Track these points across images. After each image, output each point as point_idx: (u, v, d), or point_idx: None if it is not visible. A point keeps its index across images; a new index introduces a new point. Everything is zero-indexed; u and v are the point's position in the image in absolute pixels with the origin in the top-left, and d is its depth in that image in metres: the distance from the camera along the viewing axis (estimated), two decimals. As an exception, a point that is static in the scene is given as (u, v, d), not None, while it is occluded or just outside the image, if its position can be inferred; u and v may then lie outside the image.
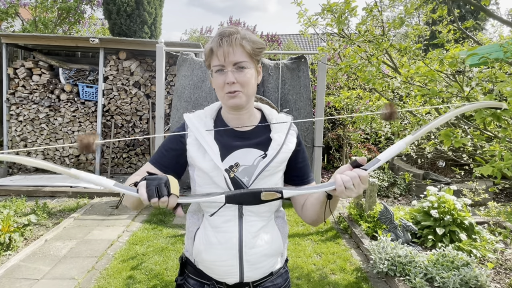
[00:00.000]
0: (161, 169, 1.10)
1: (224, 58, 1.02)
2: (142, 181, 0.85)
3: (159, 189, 0.82)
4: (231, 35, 1.03)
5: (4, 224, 3.34)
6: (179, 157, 1.12)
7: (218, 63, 1.04)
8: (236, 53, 1.03)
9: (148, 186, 0.83)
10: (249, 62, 1.05)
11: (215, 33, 1.08)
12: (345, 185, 0.88)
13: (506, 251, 3.33)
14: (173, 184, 0.85)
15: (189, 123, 1.13)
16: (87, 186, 5.27)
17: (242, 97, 1.06)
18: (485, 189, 4.46)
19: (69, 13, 8.56)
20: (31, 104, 5.96)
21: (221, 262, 1.08)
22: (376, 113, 1.24)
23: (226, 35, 1.03)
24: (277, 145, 1.09)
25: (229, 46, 1.02)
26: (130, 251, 3.39)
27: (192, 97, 4.97)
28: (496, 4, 10.43)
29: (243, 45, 1.03)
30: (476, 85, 2.00)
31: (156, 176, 0.85)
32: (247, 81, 1.05)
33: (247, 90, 1.06)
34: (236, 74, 1.03)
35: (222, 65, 1.04)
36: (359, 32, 2.56)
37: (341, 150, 6.63)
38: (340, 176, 0.89)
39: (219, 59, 1.03)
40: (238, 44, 1.03)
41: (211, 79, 1.10)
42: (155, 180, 0.84)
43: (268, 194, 0.89)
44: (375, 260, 2.99)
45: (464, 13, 9.79)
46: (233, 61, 1.03)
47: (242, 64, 1.04)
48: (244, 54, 1.04)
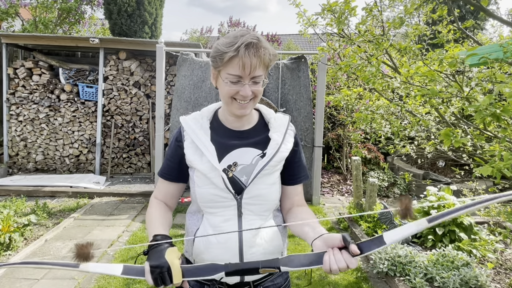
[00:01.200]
0: (169, 180, 1.17)
1: (248, 71, 0.98)
2: (147, 265, 0.92)
3: (162, 277, 0.90)
4: (258, 47, 0.97)
5: (4, 224, 3.34)
6: (181, 163, 1.15)
7: (236, 73, 0.99)
8: (258, 68, 0.99)
9: (152, 273, 0.90)
10: (263, 75, 1.03)
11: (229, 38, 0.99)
12: (332, 270, 0.88)
13: (506, 251, 3.33)
14: (175, 270, 0.91)
15: (185, 126, 1.13)
16: (87, 186, 5.28)
17: (251, 107, 1.07)
18: (485, 189, 4.46)
19: (69, 14, 8.56)
20: (31, 104, 5.97)
21: (221, 261, 1.08)
22: (390, 210, 1.06)
23: (253, 47, 0.97)
24: (276, 144, 1.10)
25: (256, 59, 0.97)
26: (130, 251, 3.39)
27: (192, 97, 4.97)
28: (496, 4, 10.42)
29: (264, 59, 0.99)
30: (475, 85, 2.00)
31: (158, 264, 0.91)
32: (260, 92, 1.05)
33: (256, 101, 1.07)
34: (252, 87, 1.01)
35: (240, 76, 0.99)
36: (359, 32, 2.56)
37: (341, 150, 6.63)
38: (328, 259, 0.89)
39: (241, 70, 0.98)
40: (262, 58, 0.98)
41: (218, 81, 1.07)
42: (157, 268, 0.90)
43: (266, 270, 0.93)
44: (375, 260, 2.99)
45: (464, 13, 9.78)
46: (253, 75, 1.00)
47: (259, 79, 1.02)
48: (262, 67, 1.01)
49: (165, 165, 1.18)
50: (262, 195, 1.09)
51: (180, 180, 1.18)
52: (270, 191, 1.11)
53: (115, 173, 6.27)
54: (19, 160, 6.11)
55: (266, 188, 1.09)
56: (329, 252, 0.90)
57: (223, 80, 1.03)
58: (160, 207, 1.17)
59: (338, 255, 0.89)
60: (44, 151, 6.12)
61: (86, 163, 6.22)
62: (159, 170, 1.20)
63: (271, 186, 1.11)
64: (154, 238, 1.00)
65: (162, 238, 1.00)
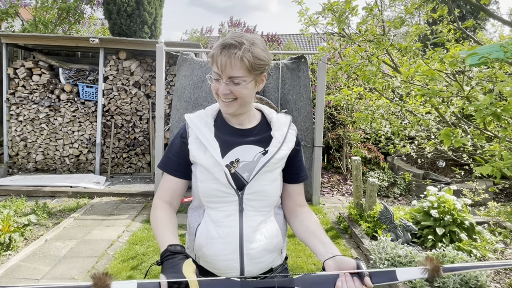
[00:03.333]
0: (176, 176, 1.17)
1: (222, 69, 1.03)
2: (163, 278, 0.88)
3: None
4: (233, 48, 1.01)
5: (4, 224, 3.34)
6: (187, 160, 1.16)
7: (216, 71, 1.06)
8: (233, 68, 1.02)
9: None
10: (247, 77, 1.05)
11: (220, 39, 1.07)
12: None
13: (506, 251, 3.32)
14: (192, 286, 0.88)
15: (190, 122, 1.16)
16: (87, 186, 5.28)
17: (235, 107, 1.09)
18: (485, 189, 4.46)
19: (69, 13, 8.56)
20: (31, 104, 5.96)
21: (222, 256, 1.10)
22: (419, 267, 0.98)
23: (227, 47, 1.02)
24: (278, 143, 1.13)
25: (227, 59, 1.01)
26: (130, 251, 3.39)
27: (192, 97, 4.97)
28: (496, 4, 10.41)
29: (243, 60, 1.01)
30: (476, 85, 2.00)
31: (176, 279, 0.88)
32: (240, 94, 1.07)
33: (241, 101, 1.09)
34: (231, 86, 1.05)
35: (219, 74, 1.05)
36: (360, 32, 2.56)
37: (341, 150, 6.62)
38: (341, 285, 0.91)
39: (219, 68, 1.04)
40: (237, 58, 1.01)
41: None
42: (175, 284, 0.87)
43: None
44: (375, 260, 2.99)
45: (464, 13, 9.78)
46: (229, 75, 1.04)
47: (237, 80, 1.04)
48: (243, 69, 1.03)
49: (171, 162, 1.18)
50: (263, 191, 1.11)
51: (187, 177, 1.19)
52: (271, 188, 1.13)
53: (115, 173, 6.27)
54: (19, 160, 6.11)
55: (267, 184, 1.12)
56: (341, 278, 0.92)
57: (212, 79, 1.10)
58: (166, 210, 1.15)
59: (350, 282, 0.91)
60: (44, 151, 6.12)
61: (86, 163, 6.22)
62: (163, 165, 1.19)
63: (272, 183, 1.13)
64: (168, 248, 0.97)
65: (176, 248, 0.97)
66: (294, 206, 1.22)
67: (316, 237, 1.09)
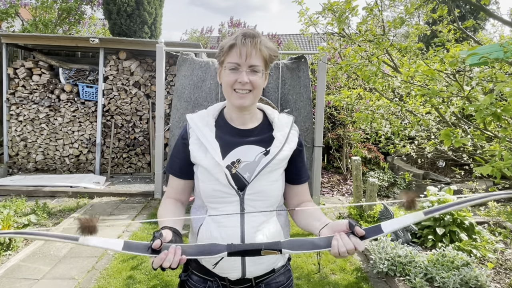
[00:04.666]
0: (178, 176, 1.19)
1: (244, 57, 1.05)
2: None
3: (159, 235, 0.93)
4: (254, 37, 1.06)
5: (4, 224, 3.34)
6: (189, 160, 1.17)
7: (235, 60, 1.07)
8: (257, 56, 1.07)
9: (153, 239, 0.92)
10: (262, 68, 1.09)
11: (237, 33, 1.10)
12: (340, 253, 0.92)
13: (506, 251, 3.33)
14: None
15: (191, 123, 1.17)
16: (87, 186, 5.28)
17: (250, 99, 1.10)
18: (485, 189, 4.46)
19: (69, 14, 8.56)
20: (31, 104, 5.96)
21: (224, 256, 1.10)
22: (395, 201, 1.18)
23: (250, 36, 1.06)
24: (280, 143, 1.13)
25: (252, 48, 1.05)
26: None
27: (192, 97, 4.96)
28: (496, 4, 10.42)
29: (262, 50, 1.07)
30: (476, 85, 2.00)
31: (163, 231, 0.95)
32: (259, 84, 1.09)
33: (256, 93, 1.11)
34: (250, 75, 1.07)
35: (238, 63, 1.07)
36: (360, 32, 2.56)
37: (341, 150, 6.63)
38: (337, 243, 0.93)
39: (238, 57, 1.06)
40: (259, 48, 1.06)
41: (221, 75, 1.13)
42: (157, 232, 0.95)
43: (267, 252, 0.95)
44: (375, 260, 2.99)
45: (464, 13, 9.78)
46: (250, 63, 1.06)
47: (257, 69, 1.08)
48: (261, 59, 1.08)
49: (176, 164, 1.20)
50: (265, 191, 1.11)
51: (192, 177, 1.20)
52: (272, 188, 1.13)
53: (115, 173, 6.27)
54: (19, 160, 6.11)
55: (268, 184, 1.12)
56: (336, 236, 0.94)
57: (224, 70, 1.10)
58: (171, 203, 1.19)
59: (345, 238, 0.93)
60: (44, 151, 6.12)
61: (86, 163, 6.22)
62: (169, 168, 1.21)
63: (273, 183, 1.13)
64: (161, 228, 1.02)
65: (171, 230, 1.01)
66: (299, 203, 1.23)
67: (314, 218, 1.11)
